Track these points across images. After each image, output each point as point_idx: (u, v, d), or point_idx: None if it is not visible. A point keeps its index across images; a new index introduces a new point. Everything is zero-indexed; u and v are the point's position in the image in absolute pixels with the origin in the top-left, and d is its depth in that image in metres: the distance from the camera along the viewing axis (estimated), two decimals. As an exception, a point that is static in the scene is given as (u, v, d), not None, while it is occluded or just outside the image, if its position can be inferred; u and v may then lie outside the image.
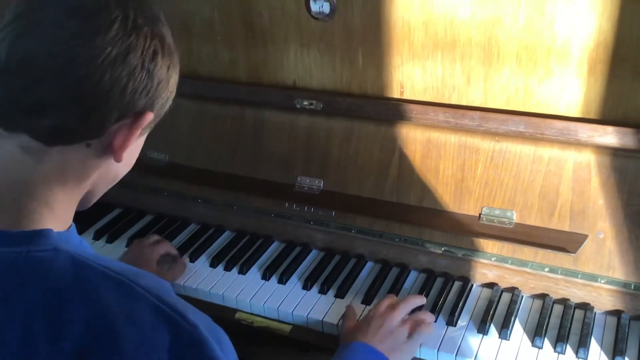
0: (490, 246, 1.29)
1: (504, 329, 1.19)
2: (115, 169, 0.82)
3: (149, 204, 1.65)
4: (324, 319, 1.26)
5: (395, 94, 1.37)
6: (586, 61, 1.18)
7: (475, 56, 1.26)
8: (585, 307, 1.23)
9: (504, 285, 1.30)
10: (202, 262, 1.46)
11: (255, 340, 1.34)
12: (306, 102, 1.42)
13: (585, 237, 1.21)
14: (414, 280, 1.36)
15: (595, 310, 1.23)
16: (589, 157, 1.21)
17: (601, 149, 1.19)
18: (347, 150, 1.41)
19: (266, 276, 1.38)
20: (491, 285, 1.31)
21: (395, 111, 1.34)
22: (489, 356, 1.15)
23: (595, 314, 1.22)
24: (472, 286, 1.32)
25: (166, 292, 0.74)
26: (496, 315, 1.24)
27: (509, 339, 1.18)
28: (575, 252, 1.20)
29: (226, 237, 1.54)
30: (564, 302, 1.25)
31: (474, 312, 1.25)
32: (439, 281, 1.34)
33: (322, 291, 1.33)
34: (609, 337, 1.17)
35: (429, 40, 1.28)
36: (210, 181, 1.54)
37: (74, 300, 0.70)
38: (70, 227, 0.80)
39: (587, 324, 1.19)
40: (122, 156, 0.78)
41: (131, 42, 0.73)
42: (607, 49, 1.16)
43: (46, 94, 0.70)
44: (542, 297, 1.27)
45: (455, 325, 1.22)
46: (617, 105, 1.19)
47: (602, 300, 1.22)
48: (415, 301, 1.23)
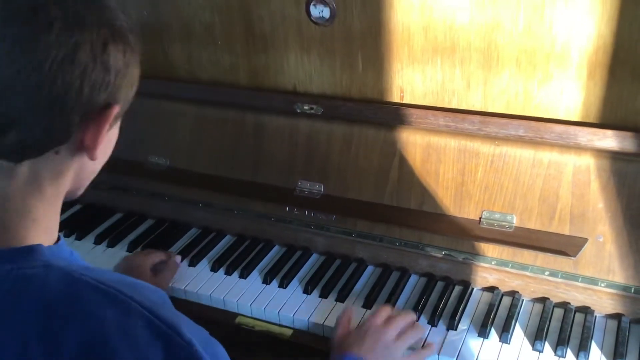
0: (490, 250, 1.29)
1: (505, 333, 1.19)
2: (91, 163, 0.79)
3: (149, 208, 1.65)
4: (325, 323, 1.26)
5: (395, 98, 1.38)
6: (585, 65, 1.18)
7: (474, 60, 1.26)
8: (585, 310, 1.23)
9: (504, 289, 1.30)
10: (203, 266, 1.46)
11: (253, 349, 1.34)
12: (306, 107, 1.42)
13: (585, 240, 1.22)
14: (415, 284, 1.36)
15: (595, 313, 1.23)
16: (588, 161, 1.21)
17: (601, 153, 1.20)
18: (347, 154, 1.41)
19: (267, 280, 1.39)
20: (492, 289, 1.31)
21: (395, 115, 1.34)
22: (490, 360, 1.15)
23: (595, 317, 1.22)
24: (472, 290, 1.32)
25: (161, 304, 0.73)
26: (497, 319, 1.24)
27: (509, 343, 1.18)
28: (575, 256, 1.21)
29: (227, 241, 1.55)
30: (565, 305, 1.25)
31: (475, 316, 1.26)
32: (439, 285, 1.34)
33: (323, 295, 1.33)
34: (610, 340, 1.17)
35: (428, 44, 1.29)
36: (210, 185, 1.54)
37: (68, 317, 0.68)
38: (59, 240, 0.78)
39: (587, 327, 1.19)
40: (96, 154, 0.75)
41: (77, 40, 0.67)
42: (607, 53, 1.16)
43: (1, 113, 0.67)
44: (543, 300, 1.27)
45: (455, 329, 1.22)
46: (617, 109, 1.20)
47: (603, 303, 1.22)
48: (410, 316, 1.20)
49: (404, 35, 1.30)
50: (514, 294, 1.29)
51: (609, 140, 1.17)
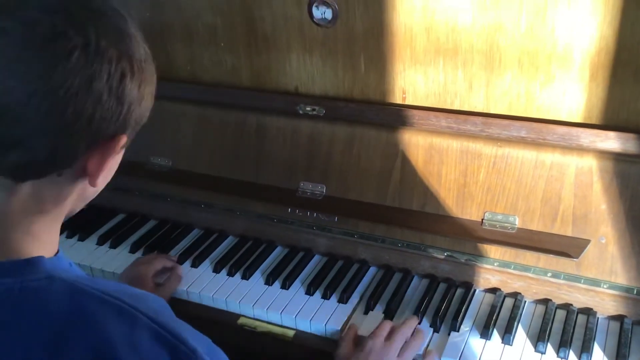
0: (492, 251, 1.29)
1: (507, 334, 1.19)
2: (92, 188, 0.78)
3: (152, 209, 1.65)
4: (327, 324, 1.26)
5: (397, 99, 1.38)
6: (588, 66, 1.18)
7: (477, 62, 1.26)
8: (588, 312, 1.23)
9: (506, 290, 1.30)
10: (205, 267, 1.46)
11: (255, 350, 1.34)
12: (308, 108, 1.42)
13: (587, 242, 1.22)
14: (417, 285, 1.36)
15: (598, 315, 1.23)
16: (591, 162, 1.21)
17: (603, 154, 1.20)
18: (349, 155, 1.41)
19: (269, 281, 1.39)
20: (494, 290, 1.31)
21: (397, 117, 1.34)
22: (492, 361, 1.15)
23: (598, 319, 1.22)
24: (474, 291, 1.32)
25: (165, 313, 0.73)
26: (499, 320, 1.24)
27: (511, 344, 1.18)
28: (577, 257, 1.21)
29: (229, 242, 1.55)
30: (567, 307, 1.25)
31: (477, 317, 1.26)
32: (441, 286, 1.34)
33: (325, 296, 1.33)
34: (612, 342, 1.17)
35: (430, 46, 1.29)
36: (213, 186, 1.54)
37: (74, 329, 0.68)
38: (57, 252, 0.78)
39: (589, 329, 1.19)
40: (98, 181, 0.75)
41: (94, 70, 0.67)
42: (609, 54, 1.16)
43: (6, 131, 0.66)
44: (545, 302, 1.27)
45: (458, 330, 1.22)
46: (619, 110, 1.19)
47: (605, 305, 1.22)
48: (411, 324, 1.21)
49: (406, 36, 1.30)
50: (516, 295, 1.29)
51: (612, 141, 1.17)
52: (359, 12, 1.32)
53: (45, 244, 0.76)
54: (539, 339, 1.18)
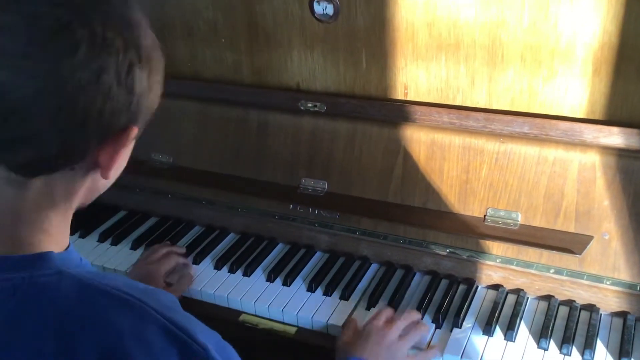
0: (495, 248, 1.29)
1: (510, 331, 1.19)
2: (104, 179, 0.78)
3: (153, 206, 1.65)
4: (329, 321, 1.26)
5: (399, 95, 1.37)
6: (591, 62, 1.18)
7: (479, 57, 1.26)
8: (591, 308, 1.23)
9: (509, 286, 1.30)
10: (207, 264, 1.46)
11: (257, 347, 1.33)
12: (310, 104, 1.42)
13: (590, 238, 1.21)
14: (419, 282, 1.35)
15: (601, 311, 1.22)
16: (594, 158, 1.21)
17: (606, 150, 1.19)
18: (351, 152, 1.41)
19: (271, 278, 1.38)
20: (496, 286, 1.31)
21: (399, 113, 1.34)
22: (495, 358, 1.15)
23: (601, 315, 1.22)
24: (477, 288, 1.32)
25: (176, 309, 0.73)
26: (501, 316, 1.23)
27: (514, 341, 1.18)
28: (580, 254, 1.20)
29: (230, 239, 1.54)
30: (570, 303, 1.24)
31: (479, 313, 1.25)
32: (443, 283, 1.34)
33: (327, 293, 1.33)
34: (615, 338, 1.17)
35: (432, 41, 1.28)
36: (214, 183, 1.54)
37: (83, 323, 0.68)
38: (68, 247, 0.78)
39: (592, 325, 1.19)
40: (110, 174, 0.74)
41: (102, 62, 0.65)
42: (612, 49, 1.15)
43: (17, 128, 0.65)
44: (548, 298, 1.26)
45: (460, 327, 1.22)
46: (622, 105, 1.19)
47: (608, 301, 1.22)
48: (413, 317, 1.21)
49: (408, 32, 1.29)
50: (518, 291, 1.28)
51: (615, 137, 1.16)
52: (360, 7, 1.31)
53: (56, 238, 0.75)
54: (542, 335, 1.17)
